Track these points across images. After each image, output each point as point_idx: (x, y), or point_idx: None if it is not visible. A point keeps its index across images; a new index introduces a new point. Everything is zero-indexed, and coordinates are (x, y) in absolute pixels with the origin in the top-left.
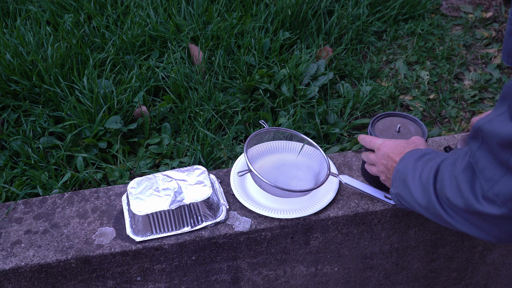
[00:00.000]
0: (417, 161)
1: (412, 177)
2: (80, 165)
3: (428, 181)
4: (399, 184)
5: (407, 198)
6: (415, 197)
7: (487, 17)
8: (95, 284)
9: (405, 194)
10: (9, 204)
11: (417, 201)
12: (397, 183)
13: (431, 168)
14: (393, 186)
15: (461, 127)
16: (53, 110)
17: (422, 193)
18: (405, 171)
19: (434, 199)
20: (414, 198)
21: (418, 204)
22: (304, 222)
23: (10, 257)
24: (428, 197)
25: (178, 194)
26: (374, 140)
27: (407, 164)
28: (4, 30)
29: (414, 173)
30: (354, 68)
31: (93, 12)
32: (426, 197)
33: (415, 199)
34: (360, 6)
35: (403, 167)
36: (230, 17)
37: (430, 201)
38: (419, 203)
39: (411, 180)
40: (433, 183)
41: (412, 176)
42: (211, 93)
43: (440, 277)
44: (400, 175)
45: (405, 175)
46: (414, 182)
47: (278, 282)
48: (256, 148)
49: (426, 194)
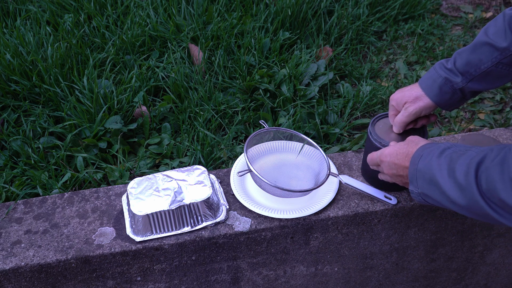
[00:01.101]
0: (439, 158)
1: (441, 175)
2: (80, 165)
3: (468, 181)
4: (424, 184)
5: (437, 197)
6: (450, 197)
7: (487, 17)
8: (95, 284)
9: (434, 193)
10: (9, 204)
11: (453, 201)
12: (420, 182)
13: (467, 167)
14: (412, 185)
15: (461, 127)
16: (53, 110)
17: (460, 193)
18: (431, 170)
19: (479, 199)
20: (448, 197)
21: (453, 203)
22: (304, 222)
23: (10, 257)
24: (470, 197)
25: (178, 194)
26: (373, 155)
27: (430, 162)
28: (4, 30)
29: (441, 171)
30: (354, 68)
31: (93, 12)
32: (467, 197)
33: (451, 198)
34: (360, 6)
35: (425, 166)
36: (230, 17)
37: (474, 201)
38: (455, 202)
39: (441, 179)
40: (475, 183)
41: (441, 174)
42: (211, 93)
43: (440, 277)
44: (423, 174)
45: (431, 174)
46: (445, 182)
47: (278, 282)
48: (256, 148)
49: (467, 194)
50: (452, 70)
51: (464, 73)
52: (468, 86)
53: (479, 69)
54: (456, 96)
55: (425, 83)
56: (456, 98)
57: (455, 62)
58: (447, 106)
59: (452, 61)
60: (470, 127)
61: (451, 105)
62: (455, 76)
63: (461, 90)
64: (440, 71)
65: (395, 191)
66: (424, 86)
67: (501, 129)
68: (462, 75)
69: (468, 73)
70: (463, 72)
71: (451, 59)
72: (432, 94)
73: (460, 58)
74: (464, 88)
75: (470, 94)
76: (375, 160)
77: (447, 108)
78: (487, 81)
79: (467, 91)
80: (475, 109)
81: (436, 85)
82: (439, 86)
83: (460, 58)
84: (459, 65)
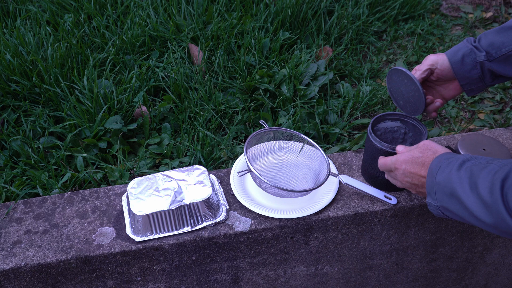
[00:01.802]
0: (459, 171)
1: (463, 190)
2: (80, 165)
3: (493, 199)
4: (444, 197)
5: (459, 212)
6: (474, 213)
7: (487, 17)
8: (95, 284)
9: (455, 208)
10: (9, 204)
11: (477, 217)
12: (440, 195)
13: (491, 183)
14: (430, 198)
15: (461, 127)
16: (53, 110)
17: (485, 210)
18: (451, 184)
19: (507, 217)
20: (472, 213)
21: (477, 219)
22: (304, 222)
23: (10, 257)
24: (496, 215)
25: (178, 194)
26: (386, 161)
27: (450, 175)
28: (4, 30)
29: (462, 185)
30: (354, 68)
31: (93, 12)
32: (493, 214)
33: (474, 215)
34: (360, 6)
35: (444, 178)
36: (230, 17)
37: (501, 220)
38: (480, 219)
39: (463, 194)
40: (502, 201)
41: (462, 189)
42: (211, 93)
43: (440, 277)
44: (442, 188)
45: (452, 188)
46: (468, 197)
47: (278, 282)
48: (256, 148)
49: (493, 212)
50: (477, 47)
51: (486, 53)
52: (489, 64)
53: (500, 51)
54: (475, 72)
55: (451, 50)
56: (475, 74)
57: (480, 40)
58: (463, 79)
59: (477, 40)
60: (470, 127)
61: (466, 80)
62: (479, 51)
63: (481, 66)
64: (467, 43)
65: (395, 191)
66: (449, 51)
67: (501, 129)
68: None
69: (489, 54)
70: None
71: (476, 38)
72: (453, 59)
73: (485, 38)
74: (484, 64)
75: (489, 75)
76: (388, 166)
77: (463, 82)
78: (507, 65)
79: (486, 69)
80: (475, 109)
81: (460, 53)
82: (462, 55)
83: (484, 38)
84: (483, 44)
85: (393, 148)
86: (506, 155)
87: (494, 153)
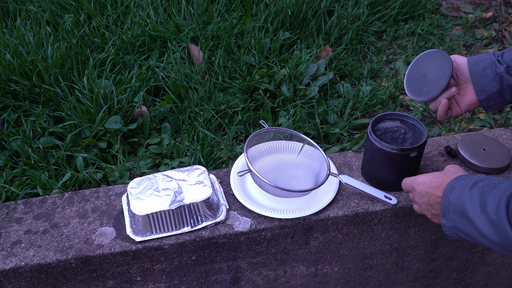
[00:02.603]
0: (471, 191)
1: (473, 209)
2: (80, 165)
3: (499, 216)
4: (456, 217)
5: (470, 232)
6: (482, 232)
7: (487, 17)
8: (95, 284)
9: (466, 228)
10: (9, 204)
11: (486, 236)
12: (452, 216)
13: (498, 201)
14: (444, 219)
15: (461, 127)
16: (53, 110)
17: (492, 228)
18: (462, 203)
19: (511, 235)
20: (481, 232)
21: (486, 238)
22: (304, 222)
23: (10, 257)
24: (501, 232)
25: (178, 194)
26: (407, 181)
27: (462, 194)
28: (4, 30)
29: (473, 204)
30: (354, 68)
31: (93, 12)
32: (499, 232)
33: (483, 233)
34: (360, 6)
35: (456, 198)
36: (230, 17)
37: (506, 237)
38: (488, 238)
39: (473, 214)
40: (506, 218)
41: (472, 208)
42: (211, 93)
43: (440, 277)
44: (454, 207)
45: (463, 207)
46: (477, 216)
47: (278, 282)
48: (256, 148)
49: (499, 230)
50: (499, 60)
51: (507, 66)
52: (508, 78)
53: None
54: (494, 85)
55: (474, 57)
56: (494, 87)
57: (503, 55)
58: (482, 92)
59: (501, 54)
60: (470, 127)
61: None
62: (500, 64)
63: (501, 79)
64: (492, 55)
65: (395, 191)
66: (471, 58)
67: (501, 129)
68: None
69: (510, 67)
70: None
71: (501, 52)
72: (473, 68)
73: (508, 52)
74: (503, 78)
75: (508, 90)
76: (407, 186)
77: (482, 96)
78: None
79: (506, 84)
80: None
81: (482, 64)
82: (483, 67)
83: (508, 53)
84: (506, 58)
85: (393, 148)
86: (506, 155)
87: (494, 153)
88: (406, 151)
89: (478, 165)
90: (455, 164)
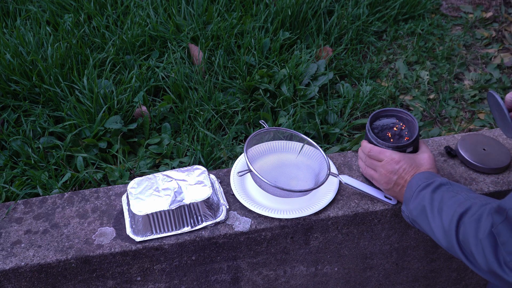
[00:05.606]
0: (434, 193)
1: (431, 211)
2: (80, 165)
3: (450, 228)
4: (415, 211)
5: (424, 228)
6: (435, 233)
7: (487, 17)
8: (95, 284)
9: (423, 224)
10: (9, 204)
11: (437, 238)
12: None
13: (452, 215)
14: (405, 207)
15: (461, 127)
16: (53, 110)
17: (443, 235)
18: (423, 202)
19: (456, 246)
20: (433, 233)
21: (437, 239)
22: (304, 222)
23: (10, 257)
24: (450, 242)
25: (178, 194)
26: (374, 149)
27: (425, 194)
28: (4, 30)
29: (432, 207)
30: (354, 68)
31: (93, 12)
32: (447, 240)
33: (435, 235)
34: (360, 6)
35: (421, 196)
36: (230, 17)
37: (453, 247)
38: (438, 240)
39: (430, 215)
40: (455, 232)
41: (431, 210)
42: (211, 93)
43: (440, 277)
44: (417, 202)
45: (423, 206)
46: (434, 219)
47: (278, 282)
48: (256, 148)
49: (448, 239)
50: None
51: None
52: None
53: None
54: None
55: None
56: None
57: None
58: None
59: None
60: (470, 127)
61: None
62: None
63: None
64: None
65: None
66: None
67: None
68: None
69: None
70: None
71: None
72: None
73: None
74: None
75: None
76: (375, 154)
77: None
78: None
79: None
80: (475, 109)
81: None
82: None
83: None
84: None
85: (389, 146)
86: (506, 155)
87: (494, 153)
88: (401, 147)
89: (478, 165)
90: (431, 154)
